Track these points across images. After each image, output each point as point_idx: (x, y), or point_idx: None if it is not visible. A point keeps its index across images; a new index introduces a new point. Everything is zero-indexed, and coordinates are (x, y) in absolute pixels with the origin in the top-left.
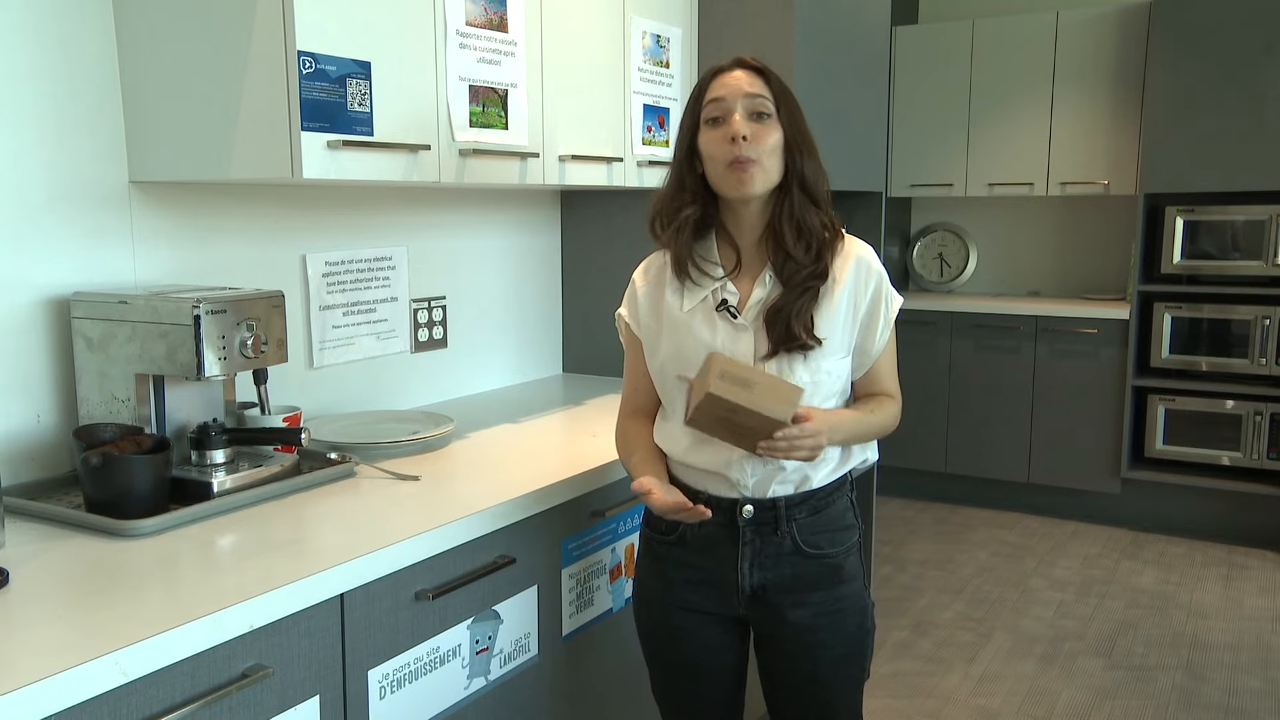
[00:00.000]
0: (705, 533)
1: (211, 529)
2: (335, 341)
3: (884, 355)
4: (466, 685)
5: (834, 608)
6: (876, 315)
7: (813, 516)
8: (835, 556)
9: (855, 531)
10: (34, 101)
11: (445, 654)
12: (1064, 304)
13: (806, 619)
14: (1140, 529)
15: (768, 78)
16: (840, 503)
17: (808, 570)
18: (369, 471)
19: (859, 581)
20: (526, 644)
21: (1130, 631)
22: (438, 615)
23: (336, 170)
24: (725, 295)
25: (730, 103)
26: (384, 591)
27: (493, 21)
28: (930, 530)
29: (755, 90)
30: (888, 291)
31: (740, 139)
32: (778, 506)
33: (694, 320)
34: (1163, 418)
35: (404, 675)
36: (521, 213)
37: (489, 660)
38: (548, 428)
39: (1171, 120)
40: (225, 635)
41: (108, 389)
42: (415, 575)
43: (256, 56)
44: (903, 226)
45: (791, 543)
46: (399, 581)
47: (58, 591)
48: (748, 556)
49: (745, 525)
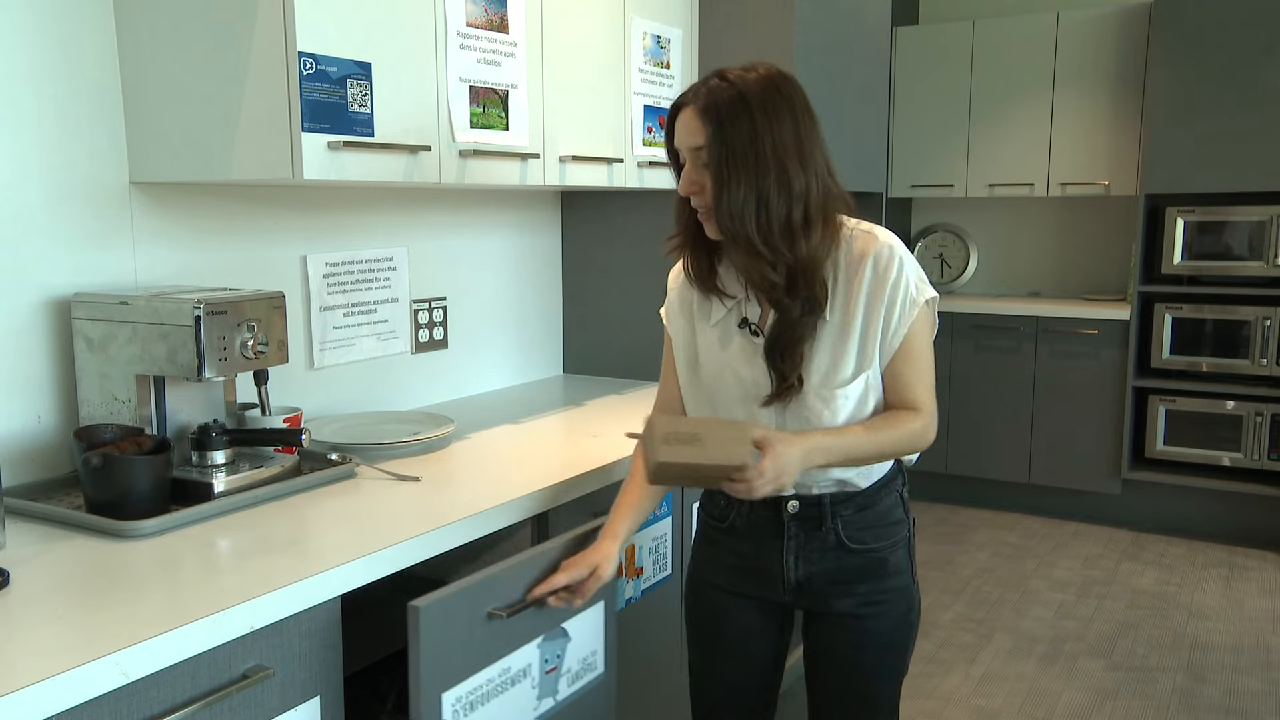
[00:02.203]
0: (753, 523)
1: (212, 530)
2: (336, 342)
3: (902, 359)
4: (536, 707)
5: (878, 599)
6: (894, 309)
7: (859, 513)
8: (880, 550)
9: (904, 526)
10: (35, 102)
11: (515, 674)
12: (1064, 305)
13: (851, 608)
14: (1141, 530)
15: (705, 118)
16: (888, 499)
17: (851, 564)
18: (369, 472)
19: (906, 575)
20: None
21: (1131, 632)
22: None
23: (337, 171)
24: (746, 313)
25: (682, 155)
26: (457, 608)
27: (493, 22)
28: (931, 531)
29: (696, 143)
30: (909, 284)
31: (692, 192)
32: (823, 503)
33: (719, 333)
34: (1163, 418)
35: (475, 698)
36: (522, 213)
37: (558, 680)
38: (548, 428)
39: (1172, 121)
40: (226, 636)
41: (108, 390)
42: (479, 592)
43: (257, 57)
44: (903, 227)
45: (835, 538)
46: (469, 597)
47: (58, 592)
48: (792, 550)
49: (790, 520)
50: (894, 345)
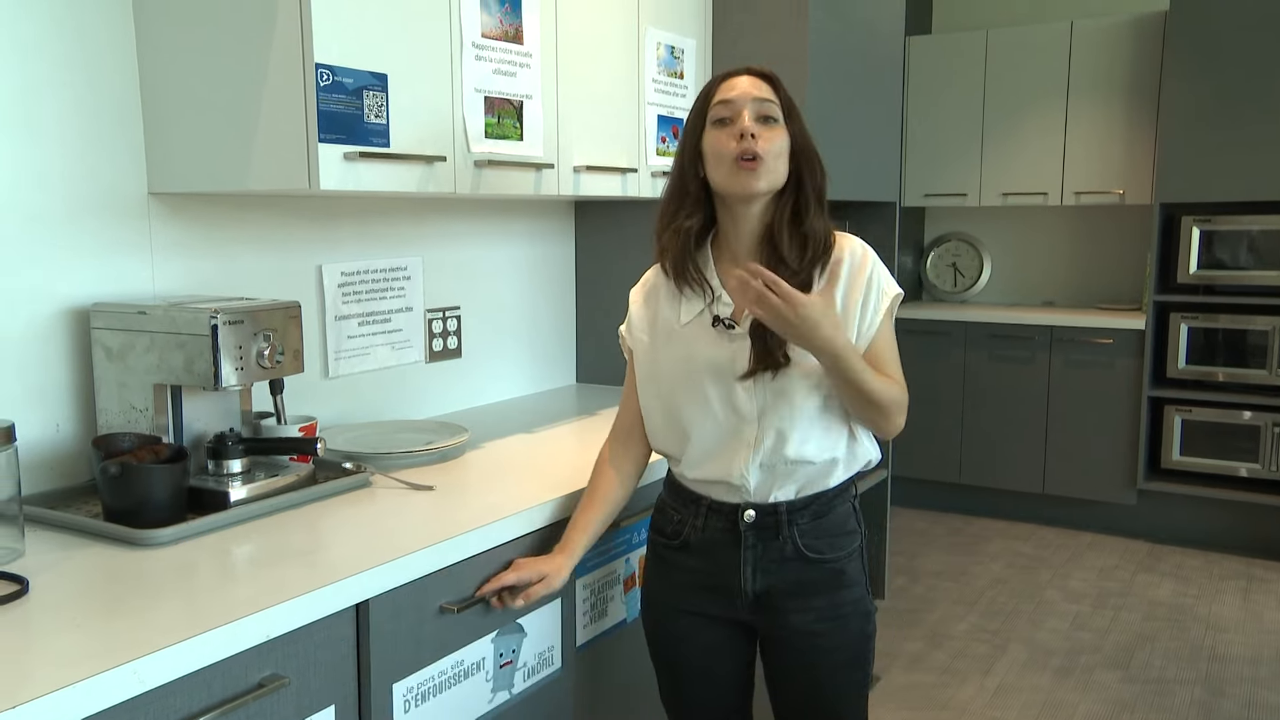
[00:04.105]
0: (708, 537)
1: (228, 538)
2: (350, 351)
3: (880, 341)
4: (490, 700)
5: (836, 613)
6: (867, 307)
7: (815, 521)
8: (837, 561)
9: (858, 536)
10: (57, 113)
11: (469, 667)
12: (1079, 314)
13: (809, 623)
14: (1157, 541)
15: (776, 85)
16: (842, 508)
17: (809, 575)
18: (384, 481)
19: (861, 587)
20: (550, 656)
21: (1148, 644)
22: (464, 628)
23: (353, 181)
24: (719, 310)
25: (739, 104)
26: (407, 603)
27: (508, 33)
28: (944, 541)
29: (763, 95)
30: (880, 279)
31: (749, 135)
32: (779, 511)
33: (692, 332)
34: (1179, 429)
35: (428, 689)
36: (536, 223)
37: (513, 674)
38: (562, 438)
39: (1187, 129)
40: (242, 645)
41: (126, 399)
42: (438, 584)
43: (275, 69)
44: (916, 236)
45: (793, 547)
46: (418, 591)
47: (76, 600)
48: (749, 561)
49: (747, 530)
50: (869, 334)
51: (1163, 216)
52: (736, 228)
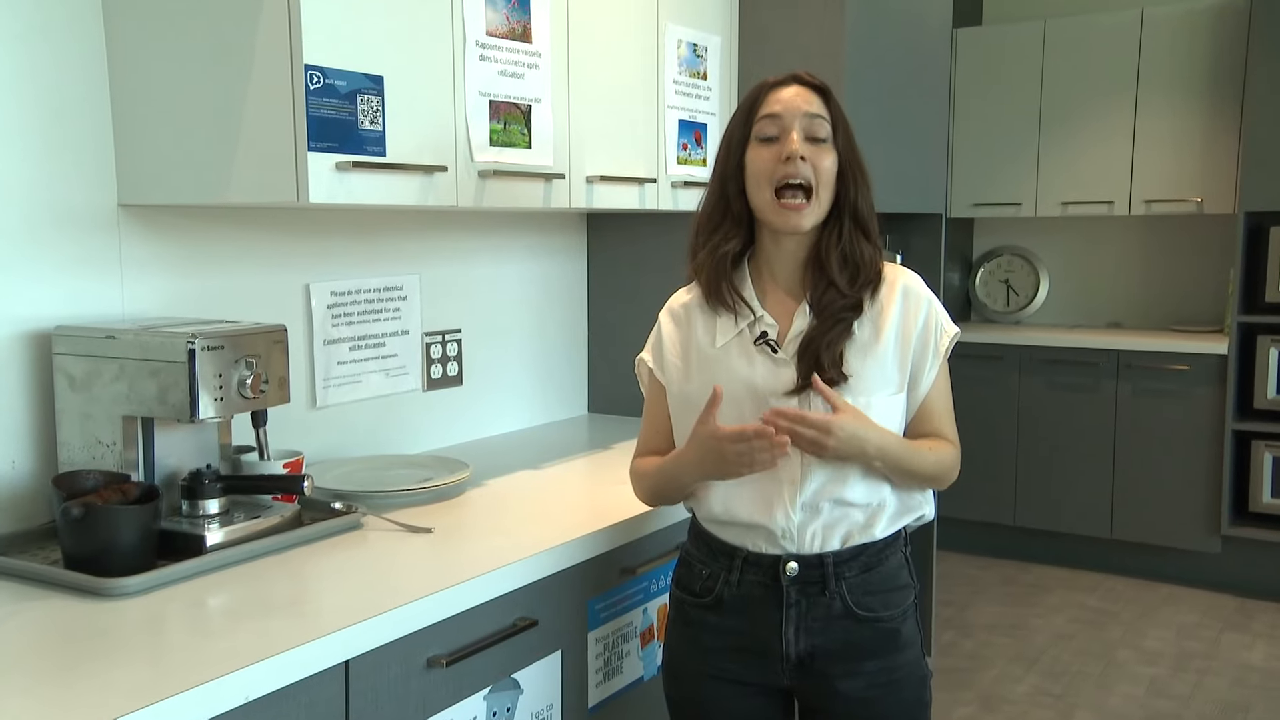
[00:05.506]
0: (744, 594)
1: (203, 588)
2: (341, 379)
3: (936, 393)
4: None
5: (890, 678)
6: (926, 345)
7: (864, 575)
8: (891, 620)
9: (911, 591)
10: (15, 117)
11: None
12: (1150, 337)
13: (859, 690)
14: (1246, 595)
15: (827, 98)
16: (894, 560)
17: (860, 636)
18: (377, 523)
19: (917, 648)
20: (549, 715)
21: (1238, 716)
22: (452, 684)
23: (345, 194)
24: (764, 328)
25: (788, 120)
26: (393, 658)
27: (515, 31)
28: (998, 591)
29: (814, 110)
30: (939, 320)
31: (798, 159)
32: (825, 563)
33: (729, 355)
34: (1270, 466)
35: None
36: (545, 238)
37: None
38: (572, 474)
39: (1275, 129)
40: (219, 708)
41: (91, 432)
42: (427, 639)
43: (259, 70)
44: (964, 250)
45: (841, 604)
46: (409, 646)
47: (29, 660)
48: (793, 620)
49: (790, 585)
50: (930, 380)
51: (1248, 227)
52: (779, 250)
